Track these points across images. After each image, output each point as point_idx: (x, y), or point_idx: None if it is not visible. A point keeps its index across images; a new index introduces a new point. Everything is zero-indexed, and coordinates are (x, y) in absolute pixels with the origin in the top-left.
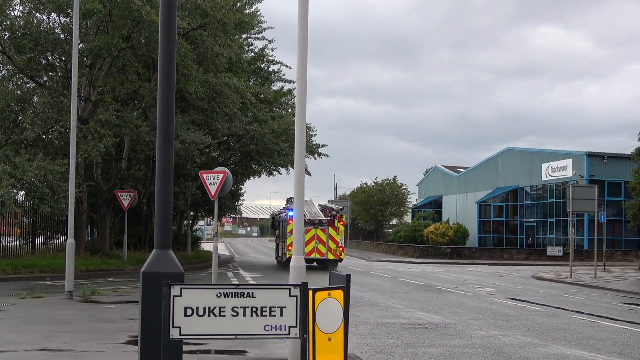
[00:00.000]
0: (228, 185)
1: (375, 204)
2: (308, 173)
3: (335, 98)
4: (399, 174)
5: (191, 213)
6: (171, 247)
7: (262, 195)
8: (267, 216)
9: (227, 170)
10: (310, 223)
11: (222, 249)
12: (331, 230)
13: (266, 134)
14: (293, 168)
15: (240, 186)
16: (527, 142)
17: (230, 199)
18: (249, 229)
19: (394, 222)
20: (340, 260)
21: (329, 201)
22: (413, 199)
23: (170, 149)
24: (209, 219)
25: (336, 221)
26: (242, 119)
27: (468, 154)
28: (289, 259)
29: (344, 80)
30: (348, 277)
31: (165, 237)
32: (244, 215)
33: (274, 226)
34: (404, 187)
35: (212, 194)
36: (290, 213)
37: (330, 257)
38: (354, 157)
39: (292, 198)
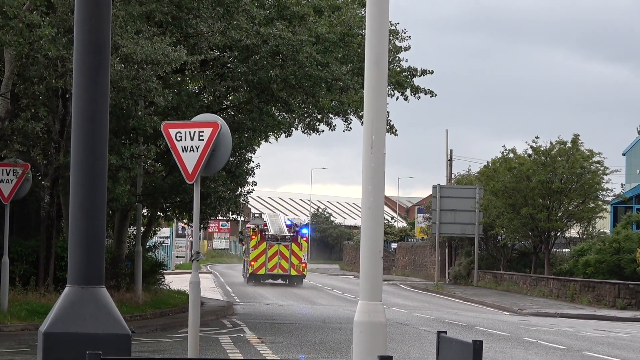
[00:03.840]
0: (223, 154)
1: (533, 193)
2: (391, 130)
3: None
4: (586, 131)
5: (144, 212)
6: (104, 283)
7: (294, 176)
8: (306, 219)
9: (220, 120)
10: (273, 239)
11: (209, 286)
12: (294, 246)
13: (303, 45)
14: (361, 119)
15: (249, 155)
16: None
17: (226, 181)
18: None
19: (572, 232)
20: (304, 276)
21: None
22: (615, 184)
23: (102, 74)
24: (181, 225)
25: (299, 237)
26: (251, 13)
27: None
28: (252, 274)
29: None
30: (477, 347)
31: (92, 261)
32: (256, 216)
33: (242, 241)
34: (595, 158)
35: (189, 171)
36: (254, 228)
37: (293, 273)
38: (488, 95)
39: (260, 214)
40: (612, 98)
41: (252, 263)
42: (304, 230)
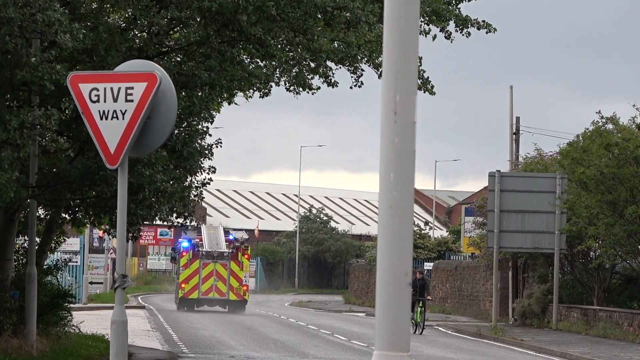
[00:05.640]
0: (163, 123)
1: None
2: (425, 86)
3: None
4: None
5: (41, 213)
6: None
7: (275, 158)
8: (291, 225)
9: (158, 71)
10: (209, 256)
11: (142, 328)
12: (233, 265)
13: None
14: (378, 70)
15: (204, 125)
16: None
17: (168, 166)
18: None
19: None
20: (245, 301)
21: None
22: None
23: None
24: (98, 233)
25: (240, 254)
26: None
27: None
28: (183, 299)
29: None
30: None
31: None
32: (214, 219)
33: (174, 259)
34: None
35: (111, 149)
36: (185, 244)
37: (232, 297)
38: (574, 34)
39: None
40: None
41: (183, 285)
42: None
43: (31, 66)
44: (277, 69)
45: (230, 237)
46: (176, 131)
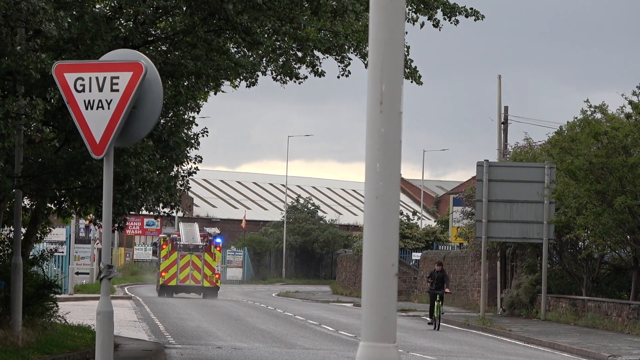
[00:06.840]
0: (149, 112)
1: (633, 175)
2: (413, 76)
3: None
4: None
5: (25, 203)
6: None
7: (262, 148)
8: (279, 215)
9: (144, 60)
10: (185, 248)
11: (129, 319)
12: (207, 256)
13: None
14: (364, 59)
15: (190, 115)
16: None
17: (154, 156)
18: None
19: None
20: (217, 288)
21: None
22: None
23: None
24: (84, 224)
25: (212, 247)
26: None
27: None
28: (163, 286)
29: None
30: None
31: None
32: (201, 209)
33: (155, 252)
34: None
35: (97, 139)
36: (164, 237)
37: (206, 284)
38: (565, 21)
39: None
40: None
41: (163, 274)
42: (218, 240)
43: (16, 55)
44: (264, 58)
45: (205, 233)
46: (162, 121)
